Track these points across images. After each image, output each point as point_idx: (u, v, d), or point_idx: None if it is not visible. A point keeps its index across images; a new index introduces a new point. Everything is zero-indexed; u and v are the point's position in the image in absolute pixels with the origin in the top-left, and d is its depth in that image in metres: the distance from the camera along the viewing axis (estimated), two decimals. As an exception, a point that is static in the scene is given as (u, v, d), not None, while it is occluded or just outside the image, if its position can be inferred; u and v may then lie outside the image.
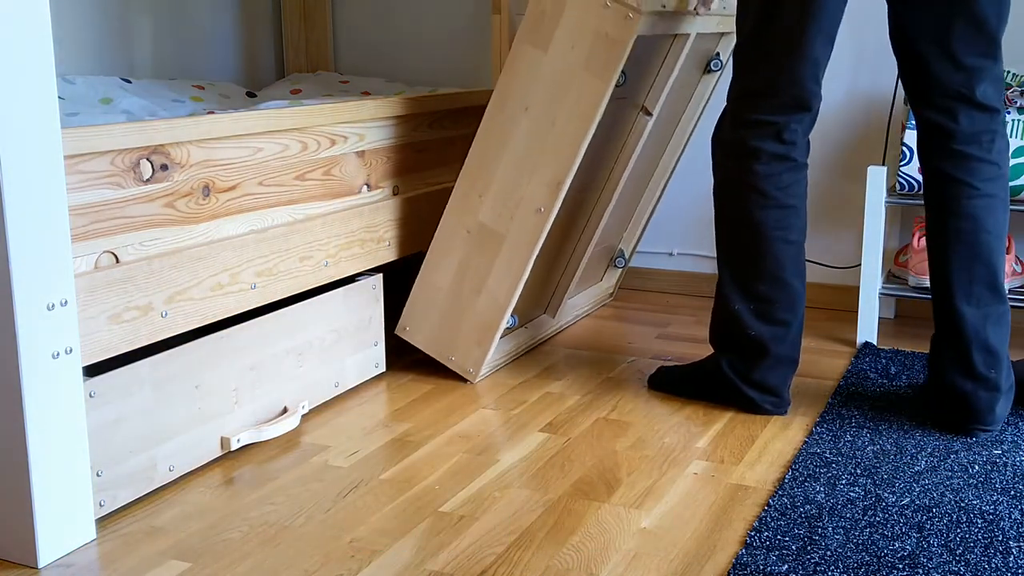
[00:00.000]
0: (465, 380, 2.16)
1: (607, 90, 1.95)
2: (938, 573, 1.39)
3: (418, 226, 2.27)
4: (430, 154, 2.34)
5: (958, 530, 1.51)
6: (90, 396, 1.51)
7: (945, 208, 1.82)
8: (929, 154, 1.84)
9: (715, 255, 2.84)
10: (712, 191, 1.94)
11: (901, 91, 2.54)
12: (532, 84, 2.00)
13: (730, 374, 1.98)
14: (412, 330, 2.18)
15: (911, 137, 2.31)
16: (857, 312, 2.42)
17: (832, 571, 1.40)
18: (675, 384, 2.10)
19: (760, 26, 1.82)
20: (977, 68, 1.77)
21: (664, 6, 1.98)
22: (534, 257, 2.07)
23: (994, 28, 1.75)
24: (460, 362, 2.15)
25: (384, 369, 2.21)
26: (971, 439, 1.83)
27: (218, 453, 1.77)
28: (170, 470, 1.67)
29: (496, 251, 2.08)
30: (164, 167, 1.65)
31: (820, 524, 1.53)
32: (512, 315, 2.22)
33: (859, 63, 2.63)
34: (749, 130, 1.86)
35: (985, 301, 1.81)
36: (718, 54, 2.40)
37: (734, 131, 1.89)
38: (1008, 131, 2.24)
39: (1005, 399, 1.84)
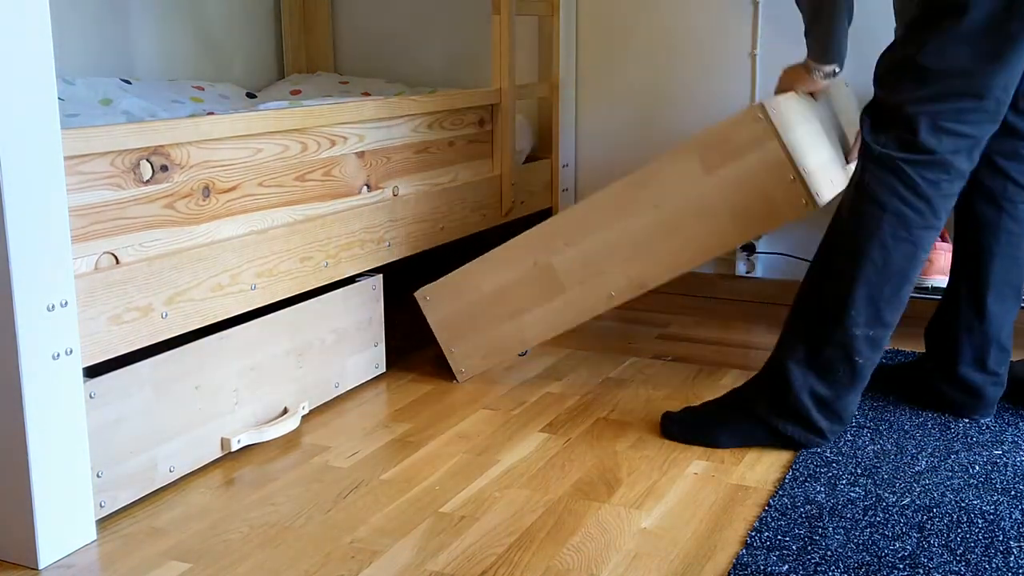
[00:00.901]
0: (454, 378, 2.17)
1: (739, 243, 1.89)
2: (939, 573, 1.39)
3: (418, 227, 2.27)
4: (430, 155, 2.34)
5: (959, 530, 1.51)
6: (90, 397, 1.51)
7: (999, 206, 1.87)
8: (994, 148, 1.83)
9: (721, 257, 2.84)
10: (869, 198, 1.73)
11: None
12: (676, 191, 1.91)
13: (809, 404, 1.77)
14: (431, 302, 2.16)
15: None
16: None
17: (833, 571, 1.40)
18: (700, 428, 1.86)
19: (978, 19, 1.63)
20: None
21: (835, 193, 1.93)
22: (579, 323, 2.06)
23: None
24: (458, 358, 2.16)
25: (384, 370, 2.21)
26: (971, 440, 1.84)
27: (218, 454, 1.77)
28: (170, 471, 1.67)
29: (549, 298, 2.06)
30: (164, 168, 1.64)
31: (820, 524, 1.53)
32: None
33: (860, 64, 2.62)
34: (945, 140, 1.68)
35: (1009, 301, 1.90)
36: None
37: (928, 138, 1.68)
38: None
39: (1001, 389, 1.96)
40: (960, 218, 1.93)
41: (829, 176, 1.94)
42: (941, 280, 2.25)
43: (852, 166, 2.05)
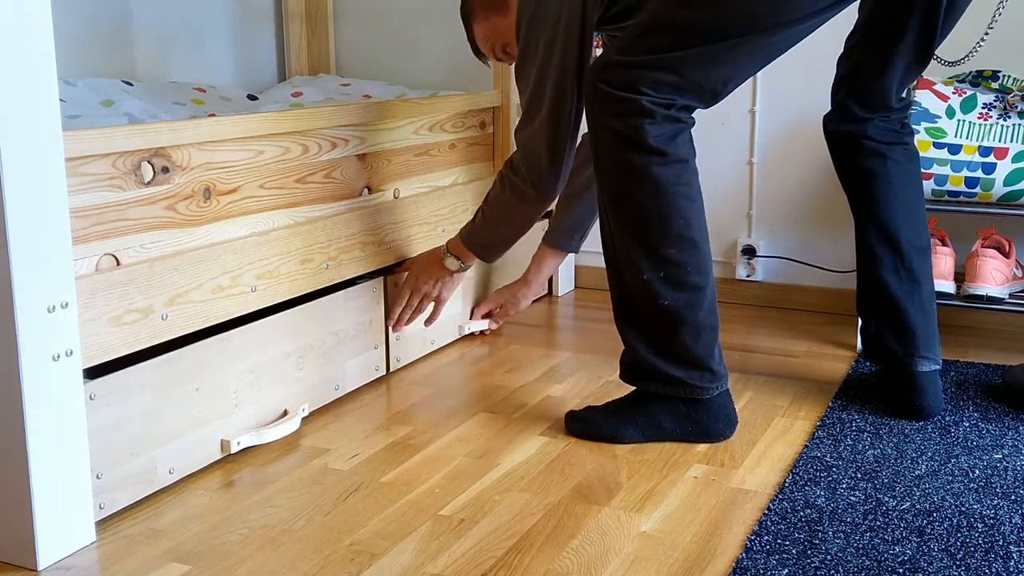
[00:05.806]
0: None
1: None
2: (938, 578, 1.39)
3: (419, 229, 2.27)
4: (431, 157, 2.34)
5: (958, 535, 1.51)
6: (90, 398, 1.51)
7: (883, 156, 1.97)
8: (851, 118, 2.00)
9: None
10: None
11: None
12: None
13: (648, 356, 1.80)
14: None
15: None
16: (857, 316, 2.42)
17: (832, 575, 1.40)
18: (597, 424, 1.88)
19: None
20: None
21: None
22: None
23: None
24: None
25: (384, 372, 2.21)
26: (971, 444, 1.83)
27: (218, 456, 1.77)
28: (170, 472, 1.67)
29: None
30: (165, 169, 1.65)
31: (820, 528, 1.53)
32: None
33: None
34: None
35: (918, 231, 1.99)
36: None
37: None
38: (1009, 136, 2.27)
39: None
40: (850, 180, 2.01)
41: None
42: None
43: None
